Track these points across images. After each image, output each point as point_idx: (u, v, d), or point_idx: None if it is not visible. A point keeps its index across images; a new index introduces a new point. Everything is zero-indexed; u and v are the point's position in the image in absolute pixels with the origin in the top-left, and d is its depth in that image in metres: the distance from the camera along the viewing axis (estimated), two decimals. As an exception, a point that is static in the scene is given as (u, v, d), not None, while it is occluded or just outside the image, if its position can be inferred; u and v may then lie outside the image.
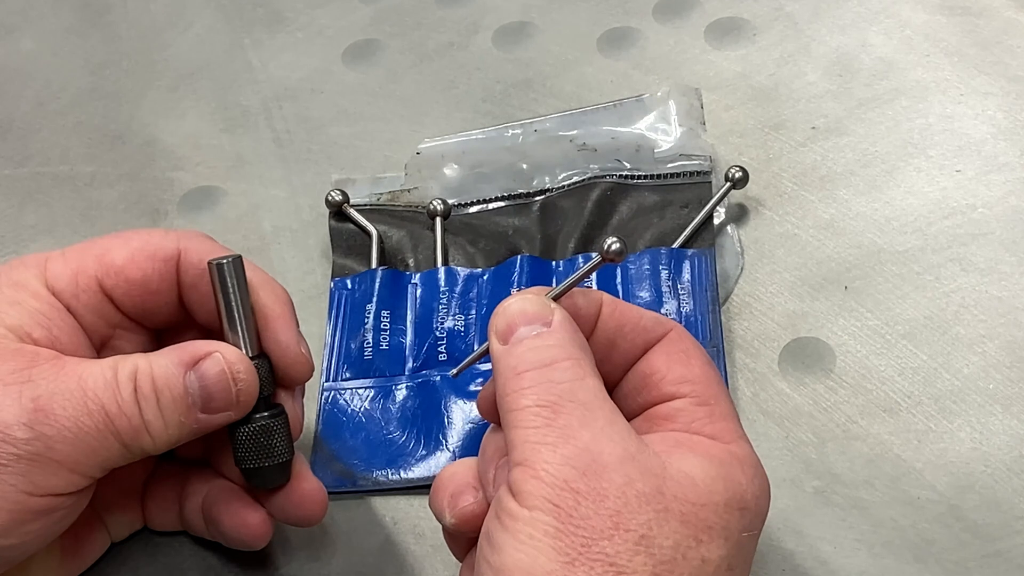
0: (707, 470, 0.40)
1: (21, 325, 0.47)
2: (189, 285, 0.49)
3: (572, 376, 0.42)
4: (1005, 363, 0.55)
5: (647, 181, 0.63)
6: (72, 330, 0.48)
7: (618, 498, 0.39)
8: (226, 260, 0.48)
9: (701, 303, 0.57)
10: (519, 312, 0.43)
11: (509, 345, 0.43)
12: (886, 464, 0.52)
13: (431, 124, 0.69)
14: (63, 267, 0.48)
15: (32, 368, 0.45)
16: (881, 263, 0.59)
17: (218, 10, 0.79)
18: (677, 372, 0.44)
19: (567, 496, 0.39)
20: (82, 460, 0.45)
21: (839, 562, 0.50)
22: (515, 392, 0.42)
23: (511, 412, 0.41)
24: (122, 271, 0.49)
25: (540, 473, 0.39)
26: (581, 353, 0.43)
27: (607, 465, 0.39)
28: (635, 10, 0.74)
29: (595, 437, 0.40)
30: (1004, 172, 0.62)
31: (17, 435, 0.44)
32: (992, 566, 0.49)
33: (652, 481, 0.39)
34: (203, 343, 0.47)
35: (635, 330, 0.45)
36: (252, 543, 0.51)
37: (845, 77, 0.67)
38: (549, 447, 0.40)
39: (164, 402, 0.46)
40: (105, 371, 0.45)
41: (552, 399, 0.41)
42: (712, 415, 0.43)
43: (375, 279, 0.60)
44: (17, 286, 0.48)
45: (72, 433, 0.44)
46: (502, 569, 0.39)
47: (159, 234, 0.50)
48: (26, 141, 0.72)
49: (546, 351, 0.42)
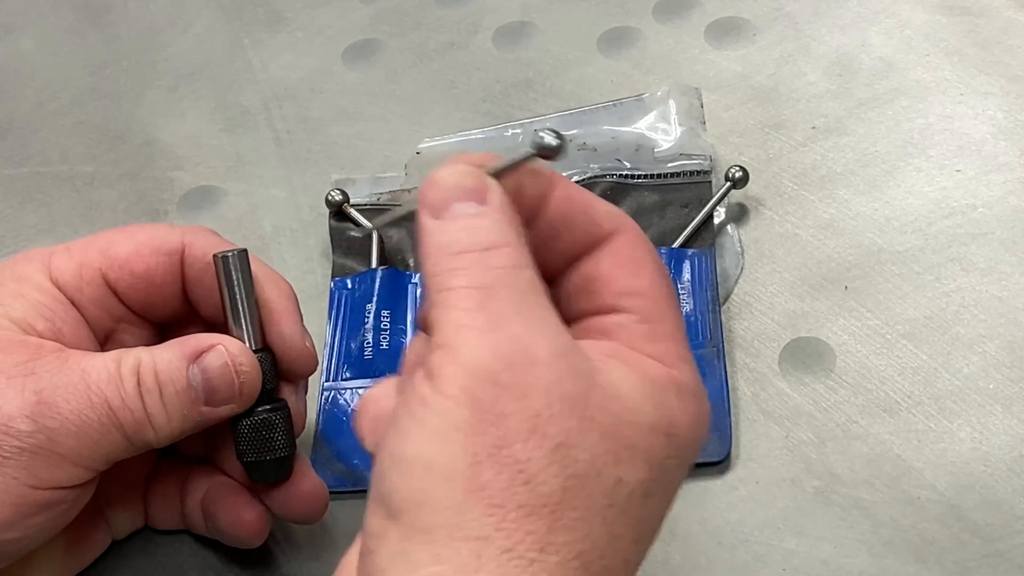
0: (636, 387, 0.37)
1: (25, 317, 0.46)
2: (193, 279, 0.49)
3: (509, 263, 0.37)
4: (1005, 363, 0.55)
5: (647, 181, 0.63)
6: (76, 323, 0.48)
7: (541, 397, 0.35)
8: (231, 253, 0.48)
9: (701, 303, 0.57)
10: (454, 186, 0.39)
11: (442, 220, 0.39)
12: (886, 464, 0.52)
13: (431, 124, 0.69)
14: (67, 261, 0.48)
15: (35, 360, 0.45)
16: (881, 263, 0.59)
17: (218, 10, 0.79)
18: (622, 282, 0.39)
19: (488, 389, 0.35)
20: (85, 453, 0.45)
21: (839, 562, 0.50)
22: (447, 271, 0.37)
23: (440, 292, 0.37)
24: (126, 264, 0.49)
25: (463, 358, 0.35)
26: (518, 240, 0.38)
27: (536, 359, 0.35)
28: (635, 10, 0.74)
29: (528, 329, 0.36)
30: (1004, 172, 0.62)
31: (20, 428, 0.44)
32: (992, 566, 0.49)
33: (580, 384, 0.36)
34: (206, 336, 0.47)
35: (585, 222, 0.40)
36: (248, 540, 0.51)
37: (845, 77, 0.67)
38: (476, 332, 0.36)
39: (167, 395, 0.46)
40: (108, 364, 0.45)
41: (487, 283, 0.37)
42: (653, 335, 0.39)
43: (375, 279, 0.60)
44: (21, 280, 0.48)
45: (75, 426, 0.44)
46: (402, 461, 0.35)
47: (164, 228, 0.50)
48: (26, 141, 0.72)
49: (483, 233, 0.38)
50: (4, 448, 0.44)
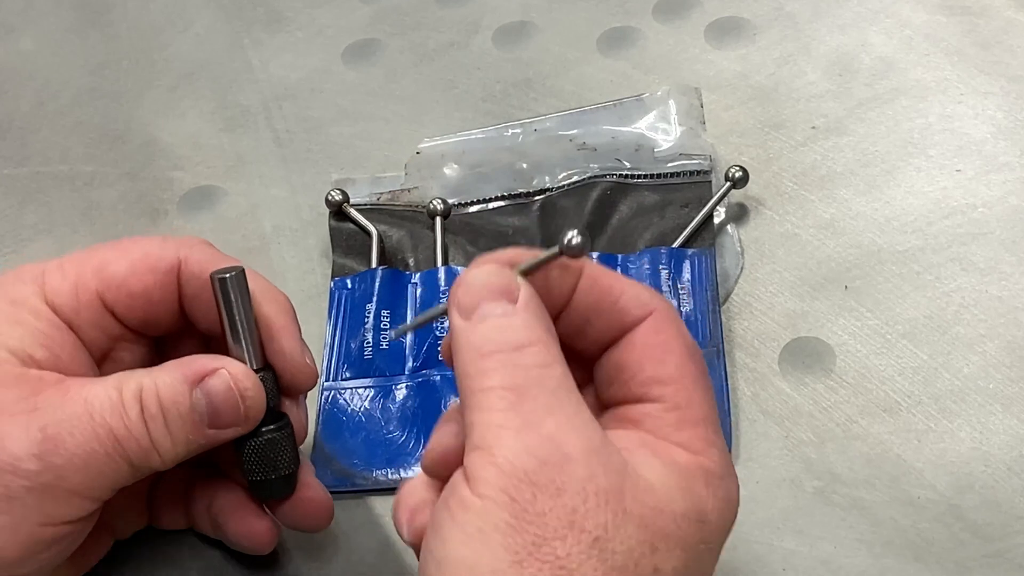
0: (666, 478, 0.38)
1: (23, 347, 0.46)
2: (191, 296, 0.49)
3: (540, 361, 0.39)
4: (1005, 363, 0.55)
5: (647, 180, 0.63)
6: (73, 347, 0.47)
7: (577, 494, 0.36)
8: (229, 274, 0.47)
9: (701, 303, 0.57)
10: (483, 286, 0.40)
11: (472, 321, 0.39)
12: (886, 464, 0.52)
13: (431, 124, 0.69)
14: (62, 281, 0.47)
15: (37, 395, 0.44)
16: (881, 263, 0.59)
17: (218, 10, 0.79)
18: (648, 372, 0.40)
19: (525, 489, 0.36)
20: (93, 485, 0.44)
21: (839, 562, 0.50)
22: (479, 373, 0.38)
23: (473, 394, 0.38)
24: (123, 284, 0.48)
25: (499, 460, 0.37)
26: (548, 337, 0.39)
27: (570, 456, 0.37)
28: (635, 10, 0.74)
29: (560, 426, 0.37)
30: (1004, 172, 0.62)
31: (28, 467, 0.43)
32: (992, 566, 0.49)
33: (614, 479, 0.37)
34: (208, 359, 0.47)
35: (613, 309, 0.41)
36: (258, 549, 0.51)
37: (845, 77, 0.67)
38: (511, 432, 0.37)
39: (171, 420, 0.45)
40: (110, 392, 0.45)
41: (518, 382, 0.38)
42: (682, 422, 0.40)
43: (375, 279, 0.60)
44: (16, 303, 0.47)
45: (82, 460, 0.44)
46: (444, 563, 0.37)
47: (158, 243, 0.49)
48: (26, 141, 0.73)
49: (513, 333, 0.39)
50: (12, 489, 0.43)
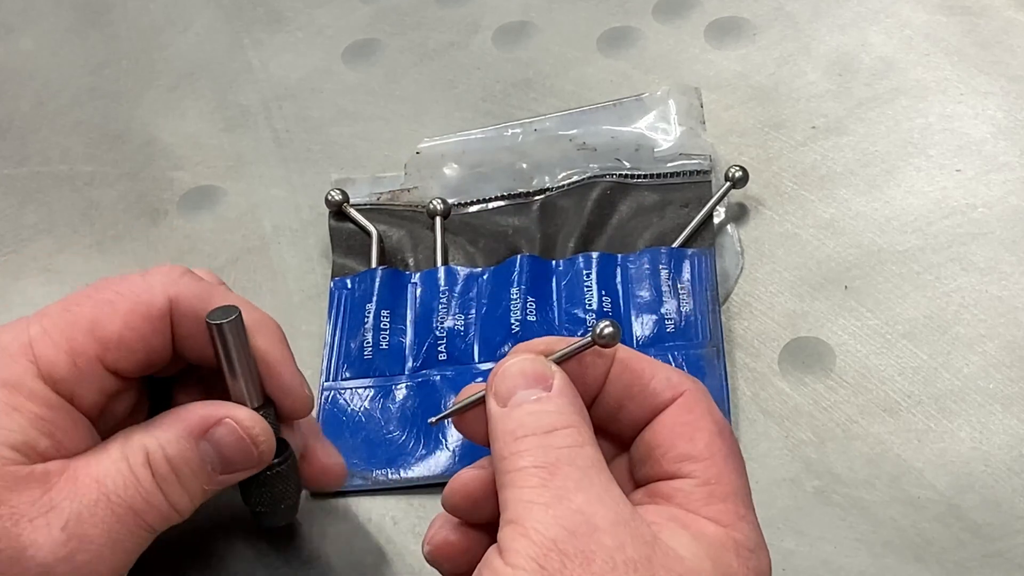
0: (696, 549, 0.39)
1: (26, 440, 0.44)
2: (183, 335, 0.47)
3: (571, 442, 0.41)
4: (1005, 363, 0.55)
5: (647, 180, 0.63)
6: (73, 423, 0.45)
7: (605, 562, 0.38)
8: (226, 320, 0.46)
9: (701, 303, 0.57)
10: (519, 373, 0.42)
11: (508, 408, 0.42)
12: (886, 464, 0.52)
13: (431, 124, 0.69)
14: (55, 352, 0.45)
15: (50, 491, 0.44)
16: (881, 263, 0.59)
17: (218, 10, 0.79)
18: (679, 449, 0.42)
19: (554, 558, 0.38)
20: (119, 563, 0.45)
21: (839, 562, 0.50)
22: (513, 454, 0.41)
23: (507, 473, 0.40)
24: (121, 342, 0.46)
25: (530, 532, 0.38)
26: (581, 421, 0.42)
27: (598, 527, 0.38)
28: (635, 10, 0.74)
29: (589, 500, 0.39)
30: (1004, 172, 0.62)
31: (59, 571, 0.43)
32: (992, 566, 0.49)
33: (642, 549, 0.38)
34: (208, 407, 0.46)
35: (644, 392, 0.43)
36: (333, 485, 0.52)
37: (845, 77, 0.67)
38: (542, 507, 0.39)
39: (184, 478, 0.45)
40: (119, 466, 0.44)
41: (550, 461, 0.40)
42: (711, 496, 0.41)
43: (375, 279, 0.60)
44: (11, 387, 0.44)
45: (108, 547, 0.44)
46: None
47: (141, 286, 0.47)
48: (26, 141, 0.73)
49: (546, 417, 0.41)
50: None
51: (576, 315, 0.58)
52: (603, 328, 0.42)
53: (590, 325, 0.54)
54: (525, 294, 0.58)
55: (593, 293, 0.58)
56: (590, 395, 0.44)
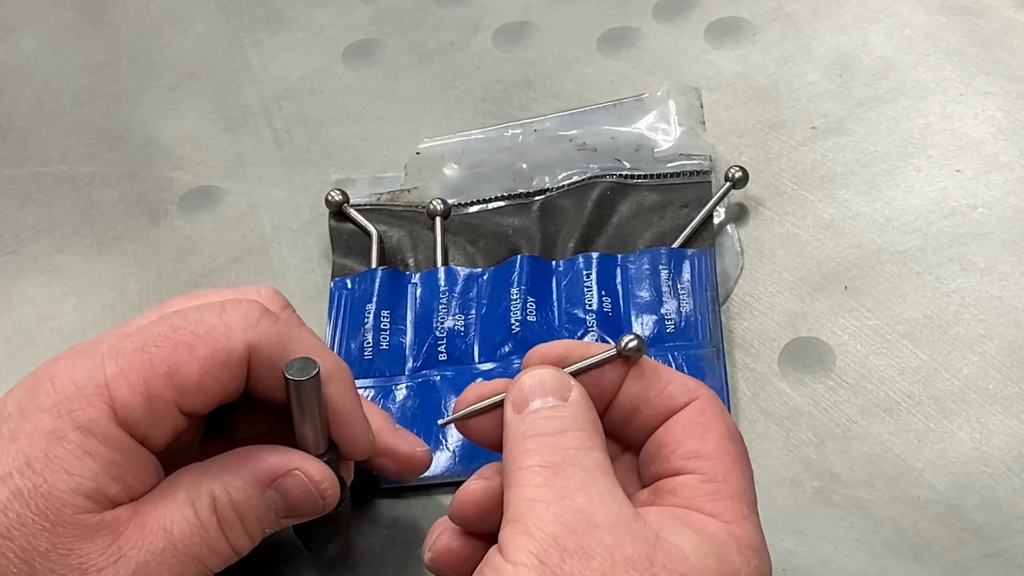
0: (699, 545, 0.40)
1: (98, 487, 0.43)
2: (258, 379, 0.46)
3: (579, 444, 0.41)
4: (1005, 363, 0.55)
5: (647, 181, 0.63)
6: (144, 465, 0.45)
7: (604, 559, 0.38)
8: (306, 379, 0.45)
9: (701, 303, 0.57)
10: (537, 384, 0.43)
11: (522, 415, 0.43)
12: (886, 464, 0.52)
13: (431, 124, 0.69)
14: (131, 394, 0.44)
15: (118, 540, 0.43)
16: (881, 263, 0.59)
17: (218, 10, 0.79)
18: (688, 446, 0.43)
19: (553, 553, 0.38)
20: None
21: (839, 562, 0.50)
22: (520, 453, 0.41)
23: (513, 472, 0.41)
24: (198, 387, 0.44)
25: (530, 528, 0.39)
26: (592, 427, 0.42)
27: (598, 525, 0.39)
28: (635, 10, 0.74)
29: (591, 500, 0.40)
30: (1004, 172, 0.62)
31: None
32: (992, 566, 0.49)
33: (642, 548, 0.39)
34: (278, 456, 0.46)
35: (659, 397, 0.44)
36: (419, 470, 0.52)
37: (845, 77, 0.67)
38: (544, 504, 0.40)
39: (248, 524, 0.45)
40: (186, 513, 0.44)
41: (555, 461, 0.41)
42: (717, 493, 0.42)
43: (375, 279, 0.60)
44: (86, 431, 0.43)
45: None
46: None
47: (220, 329, 0.45)
48: (26, 141, 0.72)
49: (557, 421, 0.42)
50: None
51: (576, 315, 0.58)
52: (628, 341, 0.44)
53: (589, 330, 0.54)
54: (525, 294, 0.58)
55: (593, 293, 0.58)
56: (606, 398, 0.44)
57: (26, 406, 0.44)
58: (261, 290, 0.50)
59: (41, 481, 0.42)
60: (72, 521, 0.42)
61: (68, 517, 0.42)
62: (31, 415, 0.43)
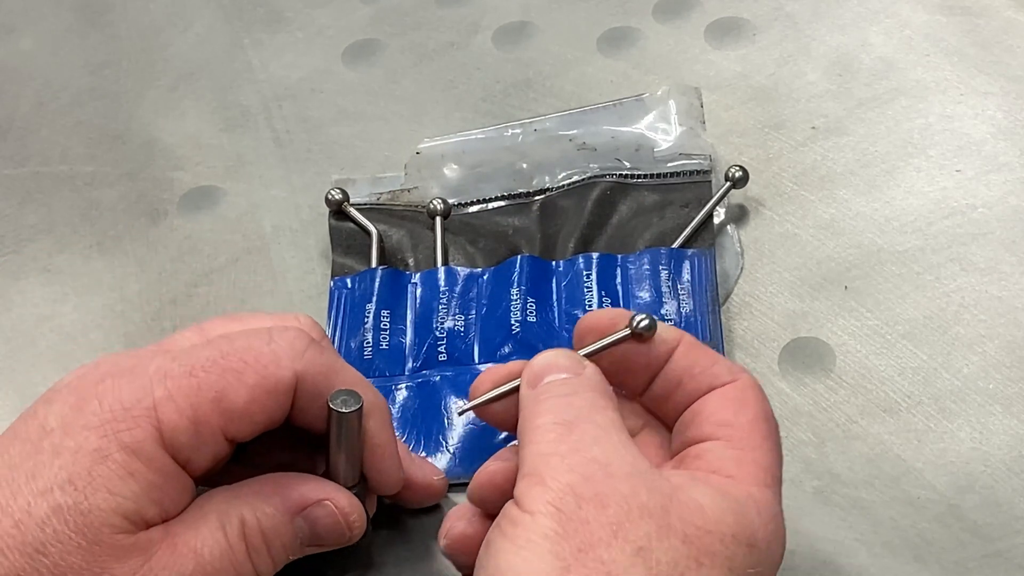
0: (718, 501, 0.40)
1: (137, 508, 0.43)
2: (301, 407, 0.46)
3: (592, 403, 0.43)
4: (1005, 363, 0.55)
5: (647, 180, 0.63)
6: (181, 489, 0.45)
7: (620, 506, 0.39)
8: (351, 411, 0.46)
9: (701, 303, 0.57)
10: (552, 362, 0.45)
11: (537, 389, 0.44)
12: (886, 464, 0.52)
13: (431, 124, 0.69)
14: (178, 418, 0.44)
15: (149, 562, 0.43)
16: (881, 263, 0.59)
17: (218, 10, 0.79)
18: (722, 416, 0.44)
19: (569, 500, 0.39)
20: None
21: (839, 562, 0.50)
22: (533, 414, 0.43)
23: (527, 431, 0.42)
24: (245, 414, 0.45)
25: (546, 479, 0.40)
26: (605, 393, 0.44)
27: (613, 475, 0.40)
28: (635, 10, 0.74)
29: (605, 452, 0.40)
30: (1004, 172, 0.62)
31: None
32: (992, 566, 0.49)
33: (657, 498, 0.39)
34: (310, 487, 0.46)
35: (704, 374, 0.45)
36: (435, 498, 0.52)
37: (845, 77, 0.67)
38: (558, 457, 0.40)
39: (274, 550, 0.46)
40: (216, 536, 0.44)
41: (568, 419, 0.42)
42: (741, 460, 0.42)
43: (375, 279, 0.60)
44: (132, 451, 0.43)
45: None
46: (496, 574, 0.39)
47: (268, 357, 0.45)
48: (26, 141, 0.72)
49: (569, 385, 0.44)
50: None
51: (576, 316, 0.58)
52: (640, 320, 0.45)
53: None
54: (525, 294, 0.58)
55: (593, 294, 0.58)
56: (654, 369, 0.46)
57: (70, 423, 0.44)
58: (300, 317, 0.50)
59: (82, 499, 0.42)
60: (109, 541, 0.42)
61: (105, 536, 0.42)
62: (76, 432, 0.43)
